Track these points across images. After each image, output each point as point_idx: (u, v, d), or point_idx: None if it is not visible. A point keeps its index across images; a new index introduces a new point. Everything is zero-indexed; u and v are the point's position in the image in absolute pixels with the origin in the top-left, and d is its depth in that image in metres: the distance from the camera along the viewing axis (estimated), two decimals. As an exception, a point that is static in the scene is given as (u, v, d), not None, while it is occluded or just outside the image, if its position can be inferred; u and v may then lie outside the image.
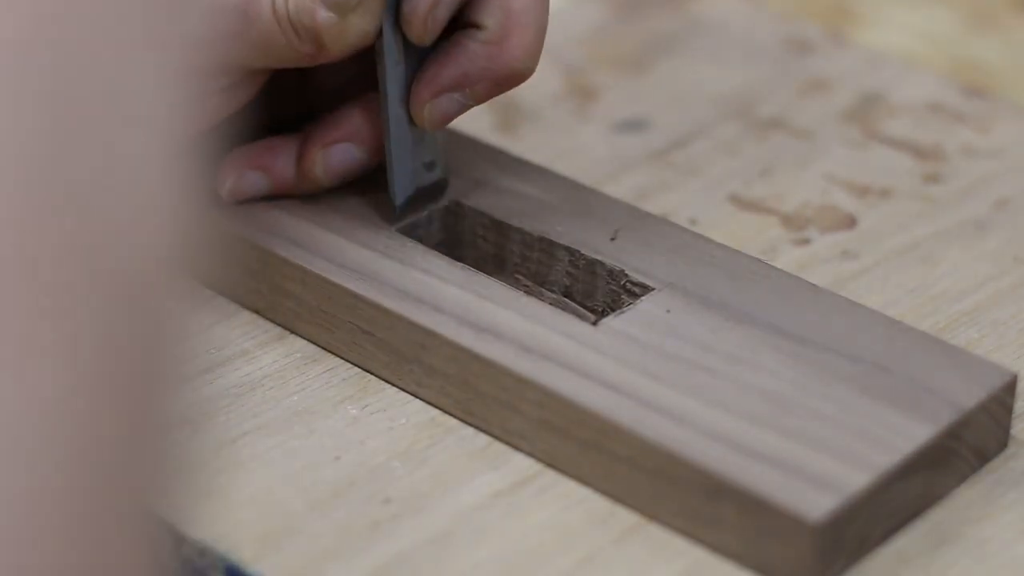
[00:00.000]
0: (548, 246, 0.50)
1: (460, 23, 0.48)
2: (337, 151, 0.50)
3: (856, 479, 0.42)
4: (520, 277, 0.50)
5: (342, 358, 0.49)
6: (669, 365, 0.45)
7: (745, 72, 0.64)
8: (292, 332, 0.50)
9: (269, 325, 0.51)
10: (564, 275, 0.50)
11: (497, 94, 0.49)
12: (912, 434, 0.43)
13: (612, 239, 0.49)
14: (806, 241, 0.55)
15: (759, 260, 0.50)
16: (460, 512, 0.44)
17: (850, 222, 0.56)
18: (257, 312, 0.51)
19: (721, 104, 0.62)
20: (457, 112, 0.49)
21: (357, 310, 0.48)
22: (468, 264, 0.49)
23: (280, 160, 0.50)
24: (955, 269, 0.54)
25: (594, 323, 0.47)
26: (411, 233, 0.50)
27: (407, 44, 0.48)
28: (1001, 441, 0.46)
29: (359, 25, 0.46)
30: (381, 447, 0.46)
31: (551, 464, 0.45)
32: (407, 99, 0.49)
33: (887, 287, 0.53)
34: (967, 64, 0.68)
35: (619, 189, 0.57)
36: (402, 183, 0.50)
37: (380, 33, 0.47)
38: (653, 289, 0.48)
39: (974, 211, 0.57)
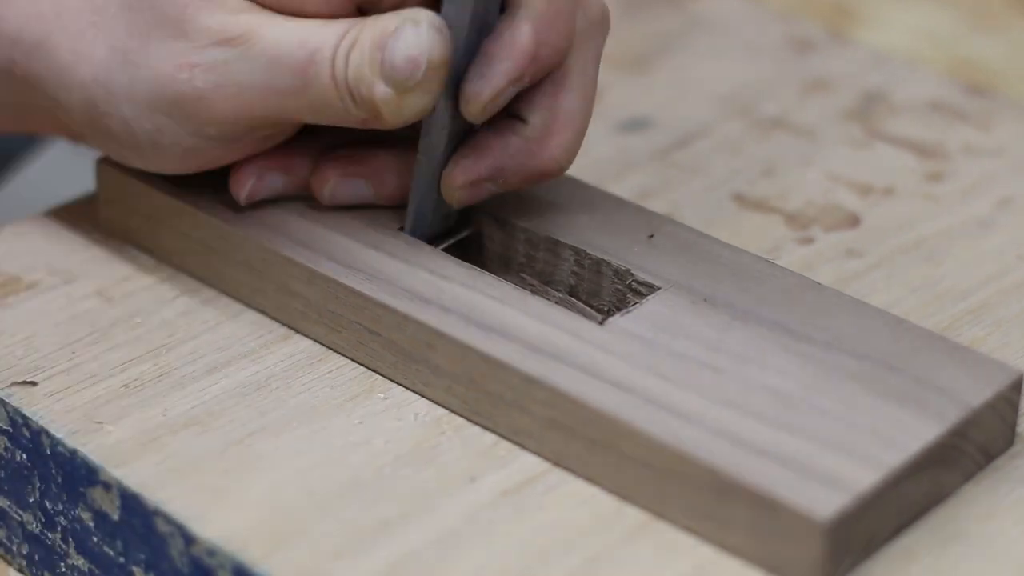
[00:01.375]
0: (553, 245, 0.50)
1: (504, 111, 0.48)
2: (351, 185, 0.50)
3: (864, 478, 0.42)
4: (526, 277, 0.50)
5: (348, 358, 0.49)
6: (676, 364, 0.45)
7: (747, 71, 0.65)
8: (298, 332, 0.50)
9: (275, 325, 0.51)
10: (570, 274, 0.50)
11: (529, 186, 0.49)
12: (919, 433, 0.43)
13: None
14: (810, 240, 0.55)
15: (765, 259, 0.50)
16: (467, 511, 0.44)
17: (853, 221, 0.56)
18: (263, 312, 0.51)
19: (724, 103, 0.63)
20: (486, 196, 0.49)
21: (364, 310, 0.48)
22: (474, 264, 0.49)
23: (299, 161, 0.50)
24: (959, 267, 0.54)
25: (601, 322, 0.47)
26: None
27: (455, 115, 0.47)
28: (1008, 439, 0.46)
29: (417, 104, 0.46)
30: (388, 446, 0.46)
31: (558, 463, 0.45)
32: (441, 169, 0.49)
33: (891, 285, 0.53)
34: (968, 63, 0.69)
35: (622, 188, 0.57)
36: (420, 231, 0.50)
37: (427, 121, 0.48)
38: (659, 288, 0.48)
39: (977, 209, 0.57)
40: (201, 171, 0.50)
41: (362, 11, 0.47)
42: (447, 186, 0.49)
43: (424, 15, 0.45)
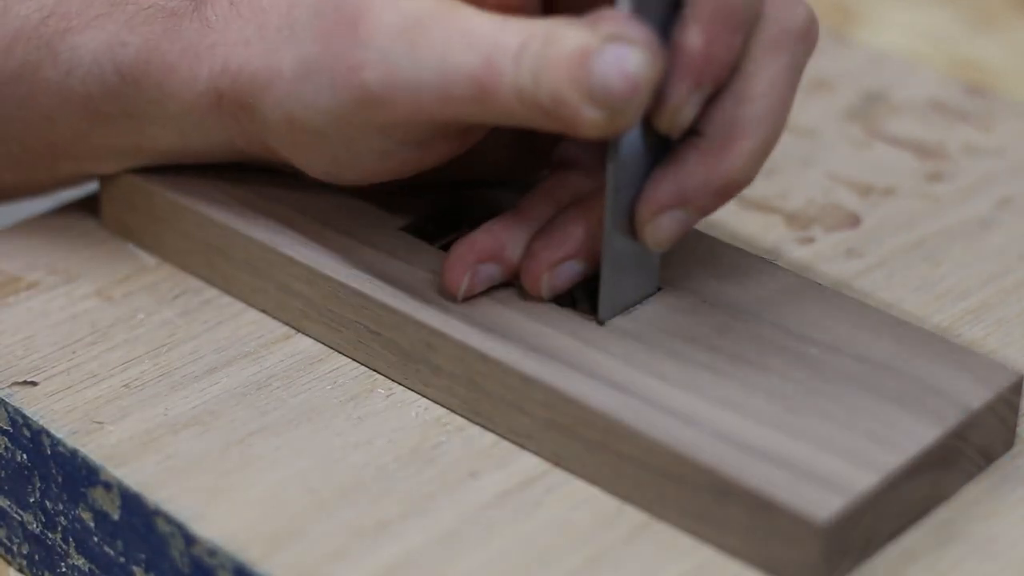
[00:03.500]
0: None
1: (688, 130, 0.45)
2: (563, 271, 0.47)
3: (863, 479, 0.42)
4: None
5: (349, 357, 0.49)
6: (675, 365, 0.45)
7: (748, 70, 0.64)
8: (299, 331, 0.50)
9: (276, 324, 0.51)
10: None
11: (721, 204, 0.46)
12: (919, 434, 0.43)
13: None
14: (810, 240, 0.55)
15: (765, 259, 0.50)
16: (467, 512, 0.44)
17: (854, 221, 0.56)
18: (264, 311, 0.51)
19: (724, 103, 0.63)
20: (682, 230, 0.45)
21: (364, 310, 0.48)
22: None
23: (510, 249, 0.47)
24: (959, 267, 0.54)
25: (600, 322, 0.47)
26: (416, 232, 0.51)
27: (637, 149, 0.45)
28: (1007, 441, 0.46)
29: (626, 122, 0.42)
30: (388, 446, 0.46)
31: (558, 464, 0.45)
32: (630, 215, 0.46)
33: (892, 286, 0.53)
34: (968, 63, 0.69)
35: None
36: (613, 303, 0.47)
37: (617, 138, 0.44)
38: (659, 289, 0.48)
39: (977, 209, 0.57)
40: (405, 177, 0.48)
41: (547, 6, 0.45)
42: (638, 227, 0.45)
43: (630, 29, 0.41)
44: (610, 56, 0.41)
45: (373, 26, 0.44)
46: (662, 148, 0.45)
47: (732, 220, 0.56)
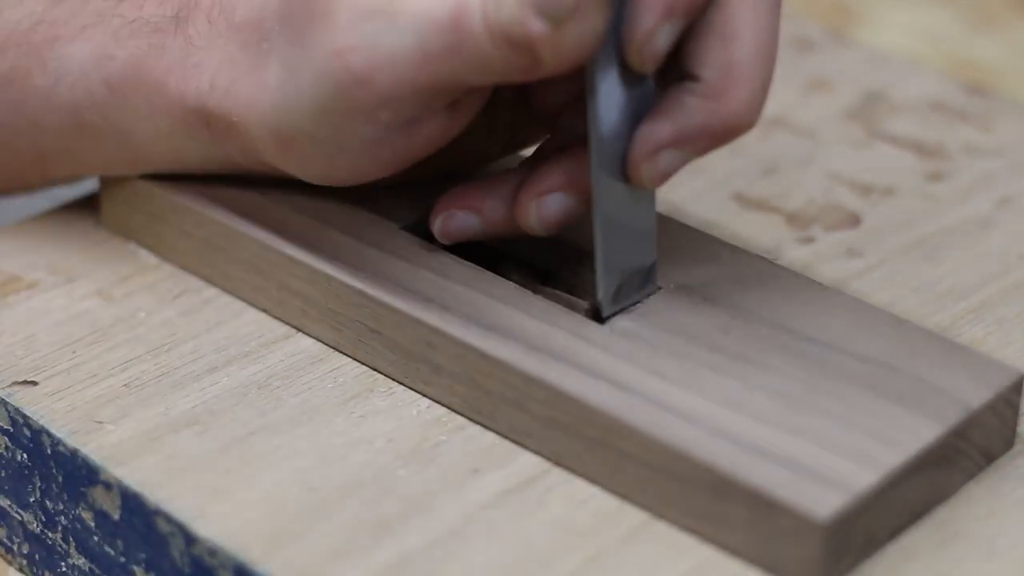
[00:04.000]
0: (553, 243, 0.50)
1: (677, 73, 0.45)
2: (551, 201, 0.47)
3: (864, 478, 0.42)
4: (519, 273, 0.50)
5: (349, 357, 0.49)
6: (676, 364, 0.45)
7: (748, 70, 0.64)
8: (299, 331, 0.50)
9: (276, 324, 0.51)
10: (571, 273, 0.50)
11: (718, 146, 0.46)
12: (919, 433, 0.43)
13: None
14: (810, 240, 0.55)
15: (765, 259, 0.50)
16: (468, 511, 0.44)
17: (854, 220, 0.56)
18: (264, 311, 0.51)
19: (724, 103, 0.62)
20: (676, 169, 0.45)
21: (365, 309, 0.48)
22: (475, 263, 0.49)
23: (490, 201, 0.48)
24: (959, 267, 0.54)
25: (602, 321, 0.47)
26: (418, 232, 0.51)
27: (620, 91, 0.44)
28: (1008, 440, 0.46)
29: (577, 34, 0.42)
30: (388, 446, 0.46)
31: (559, 462, 0.45)
32: (621, 162, 0.45)
33: (892, 285, 0.53)
34: (968, 63, 0.69)
35: (623, 188, 0.57)
36: (610, 266, 0.46)
37: (593, 78, 0.44)
38: (660, 288, 0.48)
39: (977, 209, 0.57)
40: (400, 170, 0.48)
41: None
42: (631, 166, 0.45)
43: None
44: None
45: (346, 11, 0.45)
46: (645, 95, 0.45)
47: (732, 220, 0.56)
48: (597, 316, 0.47)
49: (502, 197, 0.48)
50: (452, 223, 0.49)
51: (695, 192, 0.57)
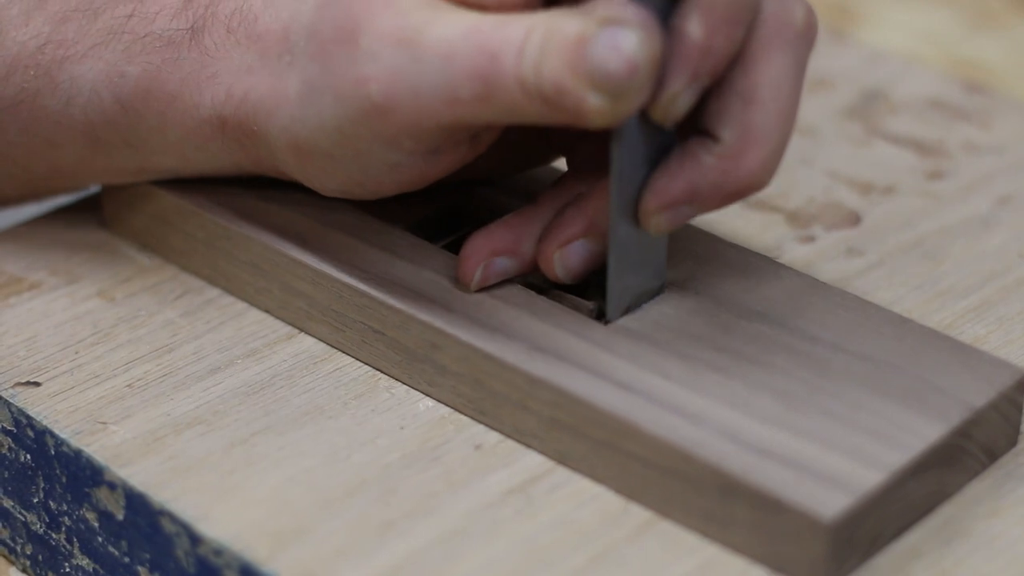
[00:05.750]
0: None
1: (697, 128, 0.45)
2: (574, 250, 0.47)
3: (869, 478, 0.42)
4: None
5: (353, 357, 0.49)
6: (680, 364, 0.45)
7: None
8: (302, 331, 0.50)
9: (279, 324, 0.51)
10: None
11: (729, 204, 0.46)
12: (924, 433, 0.43)
13: None
14: (811, 238, 0.55)
15: (768, 258, 0.50)
16: (472, 510, 0.44)
17: (855, 219, 0.57)
18: (267, 311, 0.51)
19: (724, 101, 0.63)
20: (686, 220, 0.46)
21: (368, 309, 0.48)
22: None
23: (525, 242, 0.48)
24: (960, 265, 0.54)
25: (607, 317, 0.47)
26: (421, 232, 0.51)
27: (643, 137, 0.45)
28: (1011, 438, 0.46)
29: (630, 106, 0.42)
30: (392, 446, 0.46)
31: (563, 462, 0.46)
32: (635, 204, 0.46)
33: (893, 284, 0.53)
34: (968, 63, 0.69)
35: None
36: (620, 290, 0.47)
37: (618, 127, 0.44)
38: (663, 289, 0.48)
39: (978, 207, 0.57)
40: (423, 187, 0.48)
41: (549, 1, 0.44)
42: (643, 214, 0.45)
43: (625, 11, 0.41)
44: (606, 39, 0.41)
45: (374, 37, 0.44)
46: (665, 140, 0.45)
47: (733, 219, 0.56)
48: (601, 316, 0.47)
49: (533, 235, 0.48)
50: (491, 271, 0.48)
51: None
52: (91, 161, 0.51)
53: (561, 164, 0.51)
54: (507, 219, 0.48)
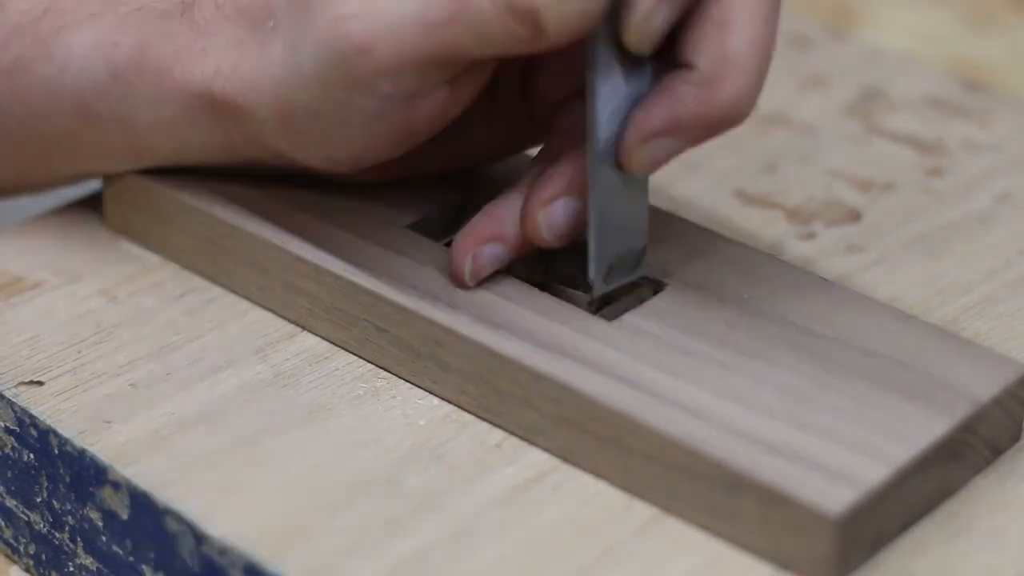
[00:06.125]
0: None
1: (672, 62, 0.45)
2: (557, 208, 0.47)
3: (874, 472, 0.42)
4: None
5: (356, 355, 0.49)
6: (685, 360, 0.45)
7: (746, 68, 0.65)
8: (305, 329, 0.50)
9: (282, 323, 0.51)
10: (576, 271, 0.50)
11: (712, 136, 0.45)
12: (928, 428, 0.43)
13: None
14: (812, 235, 0.56)
15: (770, 255, 0.50)
16: (478, 508, 0.44)
17: (855, 216, 0.57)
18: (270, 310, 0.51)
19: (723, 100, 0.63)
20: (668, 157, 0.45)
21: (372, 307, 0.48)
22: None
23: (509, 224, 0.48)
24: (961, 262, 0.54)
25: (610, 320, 0.47)
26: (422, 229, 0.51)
27: (620, 76, 0.45)
28: (1014, 434, 0.46)
29: (579, 4, 0.42)
30: (397, 443, 0.46)
31: (568, 459, 0.46)
32: (614, 148, 0.45)
33: (894, 280, 0.53)
34: (967, 63, 0.69)
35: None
36: (602, 247, 0.46)
37: (593, 58, 0.44)
38: (666, 285, 0.48)
39: (977, 204, 0.57)
40: (401, 151, 0.48)
41: None
42: (622, 152, 0.45)
43: None
44: None
45: None
46: (642, 83, 0.45)
47: (734, 216, 0.56)
48: (600, 310, 0.47)
49: (516, 215, 0.48)
50: (481, 260, 0.48)
51: (696, 189, 0.58)
52: (82, 137, 0.51)
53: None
54: (486, 208, 0.48)
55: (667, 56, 0.45)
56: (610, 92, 0.45)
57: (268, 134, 0.48)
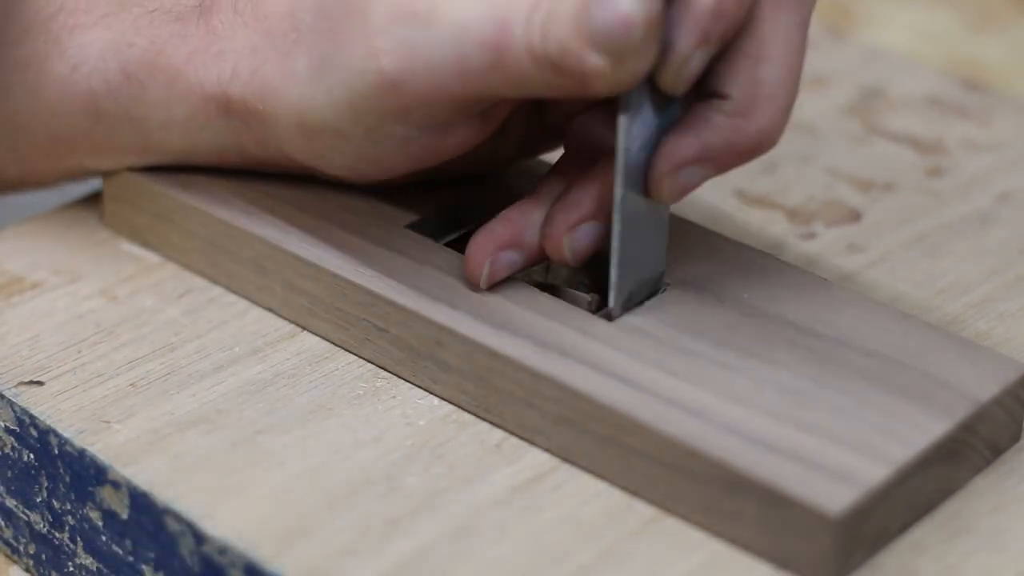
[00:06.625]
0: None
1: (704, 92, 0.45)
2: (582, 232, 0.47)
3: (875, 472, 0.42)
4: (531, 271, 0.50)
5: (356, 355, 0.49)
6: (685, 360, 0.45)
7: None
8: (305, 329, 0.50)
9: (282, 322, 0.51)
10: (576, 271, 0.50)
11: (741, 164, 0.46)
12: (928, 428, 0.43)
13: None
14: (812, 235, 0.56)
15: (770, 255, 0.50)
16: (477, 508, 0.44)
17: (855, 216, 0.57)
18: (270, 309, 0.51)
19: (723, 100, 0.63)
20: (697, 185, 0.46)
21: (372, 307, 0.48)
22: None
23: (528, 233, 0.48)
24: (961, 262, 0.54)
25: (608, 311, 0.47)
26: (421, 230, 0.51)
27: (649, 107, 0.45)
28: (1014, 434, 0.46)
29: (632, 70, 0.42)
30: (396, 443, 0.46)
31: (568, 459, 0.46)
32: (643, 176, 0.45)
33: (893, 280, 0.53)
34: (967, 63, 0.69)
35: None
36: (623, 275, 0.46)
37: (627, 92, 0.44)
38: (667, 285, 0.48)
39: (977, 204, 0.57)
40: (426, 168, 0.48)
41: None
42: (653, 179, 0.45)
43: None
44: (607, 1, 0.42)
45: (384, 11, 0.44)
46: (671, 112, 0.45)
47: (734, 216, 0.56)
48: (600, 310, 0.47)
49: (535, 225, 0.48)
50: (498, 266, 0.48)
51: (696, 190, 0.57)
52: (91, 134, 0.51)
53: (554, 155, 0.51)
54: (506, 213, 0.48)
55: (698, 85, 0.45)
56: (640, 123, 0.45)
57: (285, 142, 0.48)
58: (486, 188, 0.52)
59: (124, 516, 0.46)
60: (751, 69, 0.45)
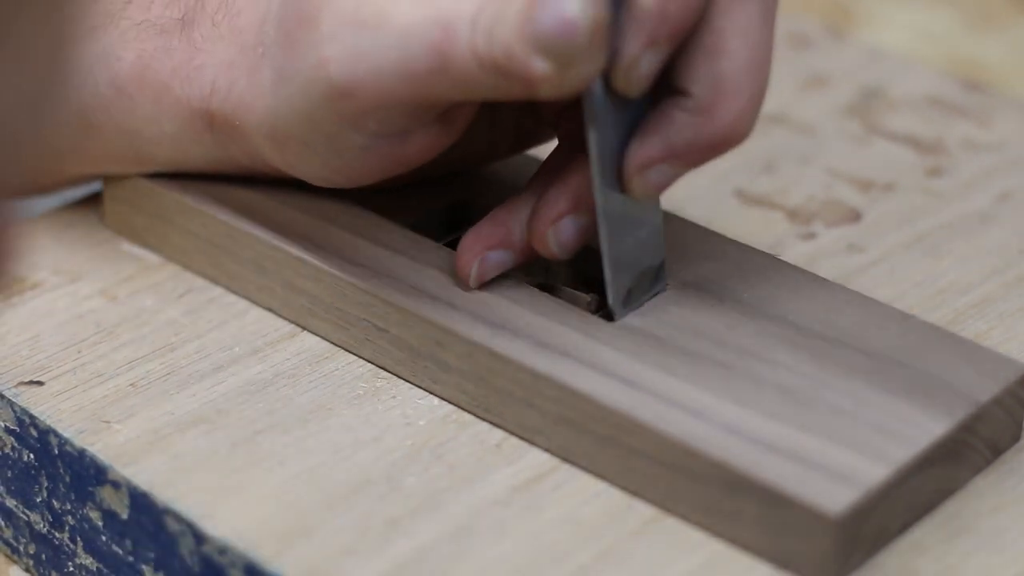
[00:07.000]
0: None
1: (667, 89, 0.45)
2: (565, 226, 0.47)
3: (875, 472, 0.42)
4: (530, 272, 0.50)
5: (356, 355, 0.49)
6: (685, 360, 0.45)
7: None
8: (305, 329, 0.50)
9: (282, 322, 0.51)
10: (576, 271, 0.50)
11: (711, 159, 0.45)
12: (928, 428, 0.43)
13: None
14: (812, 235, 0.56)
15: (770, 255, 0.50)
16: (477, 507, 0.44)
17: (855, 216, 0.57)
18: (270, 309, 0.51)
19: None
20: (669, 182, 0.45)
21: (372, 307, 0.48)
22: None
23: (517, 231, 0.48)
24: (961, 262, 0.54)
25: (609, 309, 0.47)
26: (419, 229, 0.51)
27: (616, 108, 0.45)
28: (1014, 434, 0.46)
29: (579, 75, 0.42)
30: (396, 443, 0.46)
31: (568, 459, 0.46)
32: (617, 172, 0.45)
33: (894, 280, 0.53)
34: (967, 63, 0.69)
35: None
36: (617, 274, 0.46)
37: (589, 95, 0.44)
38: (667, 285, 0.48)
39: (977, 204, 0.57)
40: (397, 175, 0.48)
41: None
42: (625, 180, 0.45)
43: None
44: (551, 4, 0.41)
45: (333, 19, 0.44)
46: (641, 108, 0.45)
47: (734, 216, 0.56)
48: (600, 309, 0.47)
49: (523, 222, 0.48)
50: (486, 265, 0.47)
51: (696, 189, 0.58)
52: (87, 145, 0.51)
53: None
54: (494, 212, 0.48)
55: (662, 79, 0.45)
56: (608, 124, 0.45)
57: (265, 154, 0.49)
58: (486, 188, 0.52)
59: (124, 516, 0.46)
60: (710, 64, 0.44)
